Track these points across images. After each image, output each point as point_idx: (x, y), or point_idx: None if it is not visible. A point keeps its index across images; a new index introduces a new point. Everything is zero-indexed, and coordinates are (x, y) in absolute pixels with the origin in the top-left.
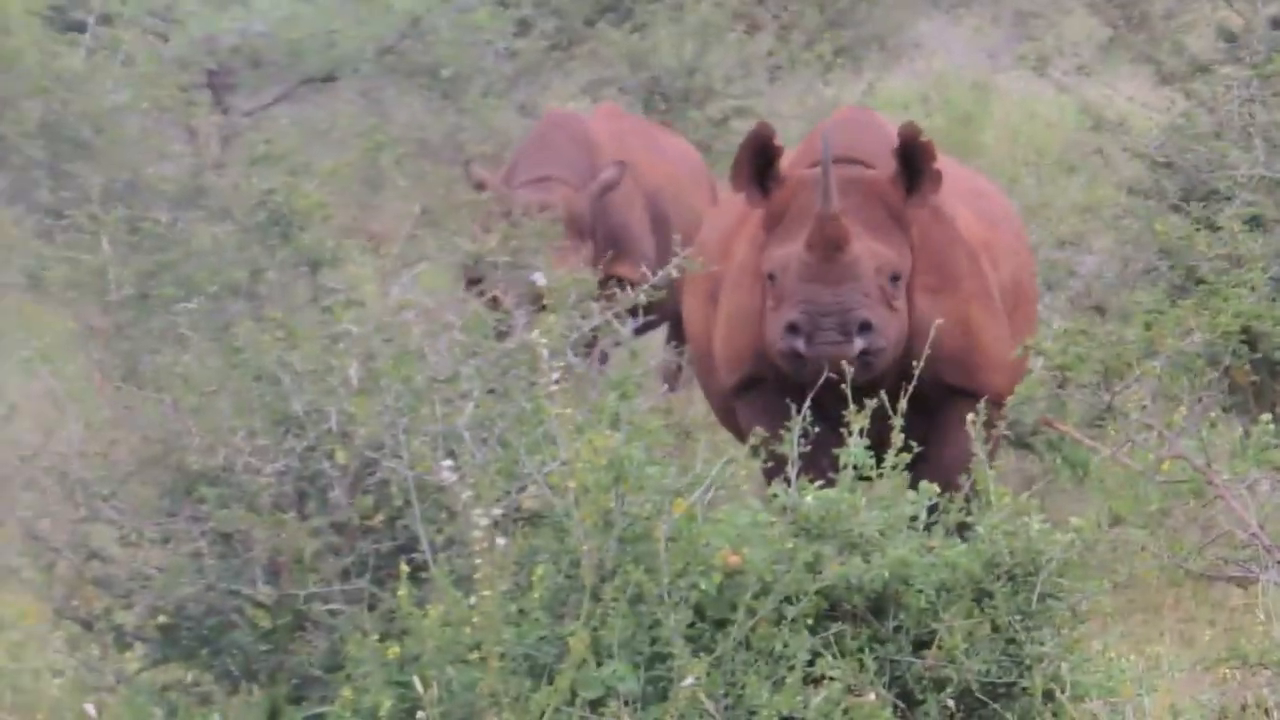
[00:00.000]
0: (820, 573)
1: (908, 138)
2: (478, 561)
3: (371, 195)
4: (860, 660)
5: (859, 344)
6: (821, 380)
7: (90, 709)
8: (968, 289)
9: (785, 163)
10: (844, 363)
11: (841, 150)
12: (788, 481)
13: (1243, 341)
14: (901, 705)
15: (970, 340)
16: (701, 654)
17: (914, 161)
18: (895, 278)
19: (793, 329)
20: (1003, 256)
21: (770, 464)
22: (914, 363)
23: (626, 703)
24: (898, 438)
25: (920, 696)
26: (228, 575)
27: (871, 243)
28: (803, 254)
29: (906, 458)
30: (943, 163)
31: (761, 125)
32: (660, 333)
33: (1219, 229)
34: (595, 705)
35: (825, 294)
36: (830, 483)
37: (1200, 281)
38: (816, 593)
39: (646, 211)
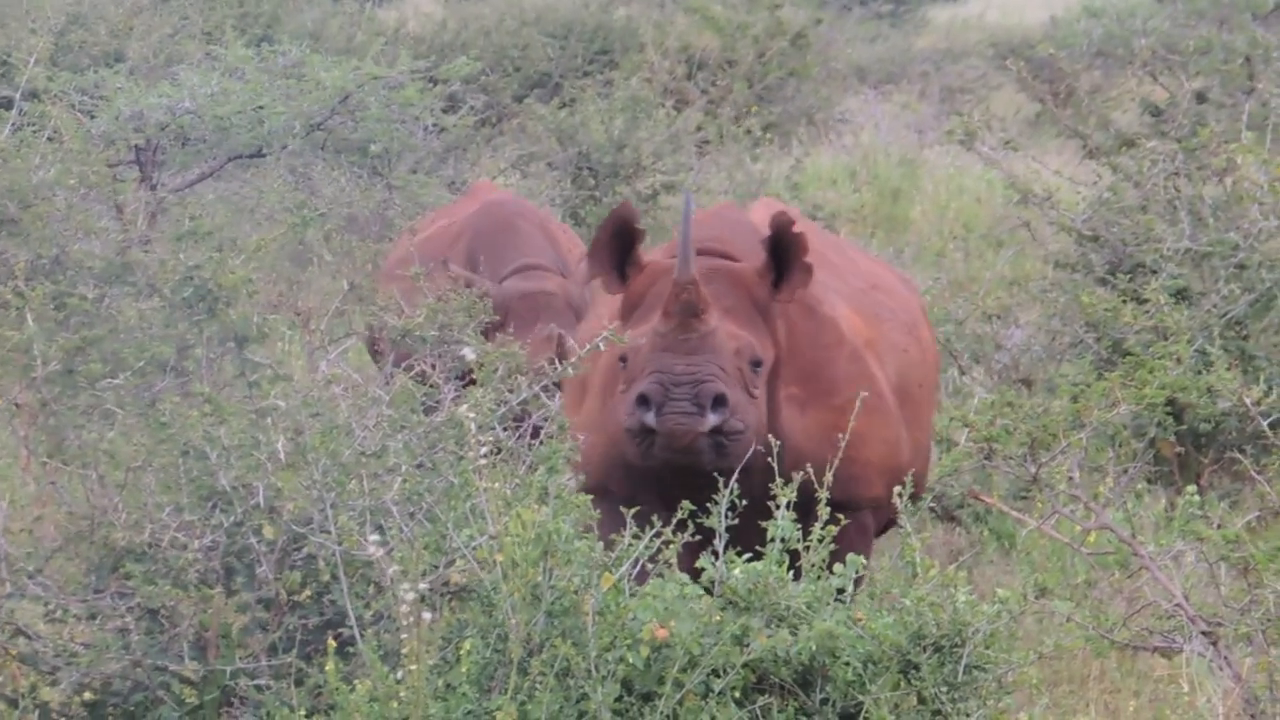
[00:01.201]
0: (748, 645)
1: (779, 228)
2: (404, 636)
3: (299, 271)
4: None
5: (712, 419)
6: (671, 474)
7: None
8: (842, 398)
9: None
10: (695, 445)
11: (708, 242)
12: (715, 555)
13: (1168, 414)
14: None
15: (846, 451)
16: None
17: (784, 253)
18: (756, 363)
19: (642, 401)
20: (886, 354)
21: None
22: (777, 473)
23: None
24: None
25: None
26: (154, 651)
27: (730, 325)
28: (657, 324)
29: (834, 530)
30: (840, 253)
31: (623, 206)
32: None
33: (1145, 301)
34: None
35: (678, 364)
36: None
37: (1127, 354)
38: (744, 665)
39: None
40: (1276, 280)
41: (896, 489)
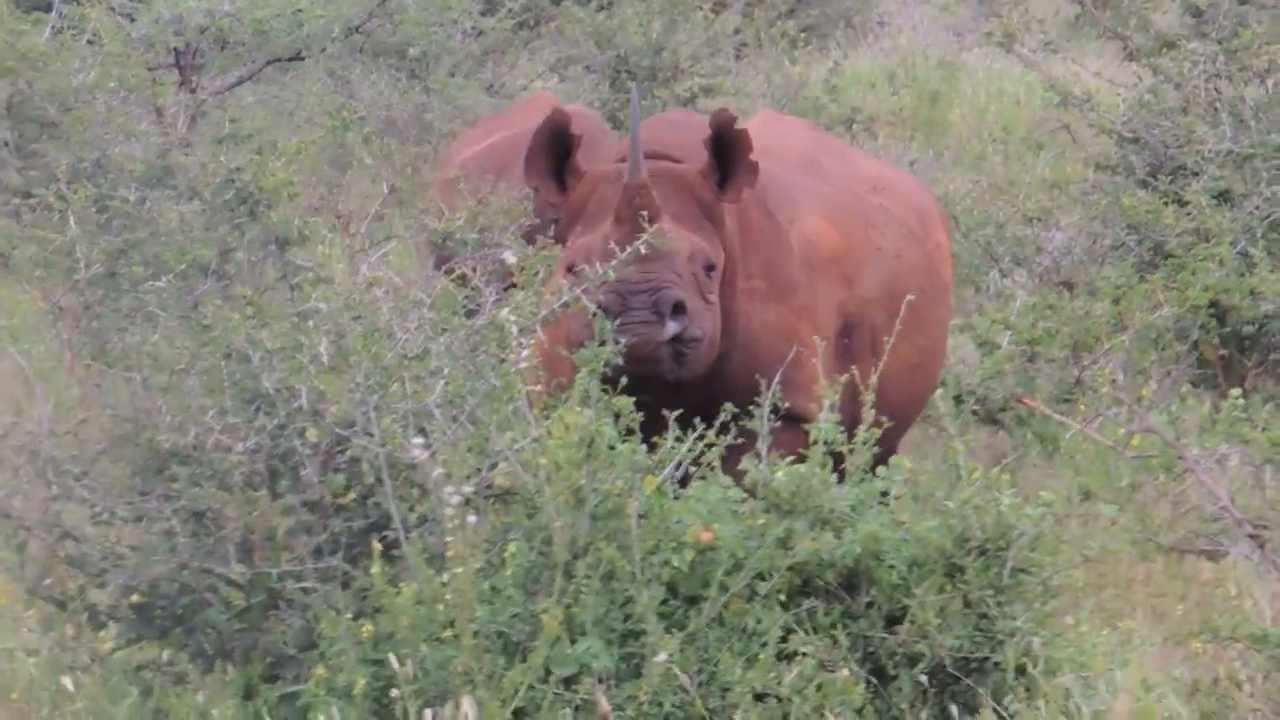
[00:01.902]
0: (792, 549)
1: (720, 126)
2: (450, 539)
3: (338, 174)
4: (833, 636)
5: (672, 327)
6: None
7: (68, 683)
8: (799, 301)
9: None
10: (656, 354)
11: (650, 145)
12: (758, 457)
13: (1211, 315)
14: (874, 681)
15: (788, 351)
16: (674, 631)
17: (728, 152)
18: (709, 268)
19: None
20: (866, 263)
21: None
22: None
23: (600, 679)
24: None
25: (893, 672)
26: (200, 554)
27: (681, 229)
28: (609, 230)
29: (878, 432)
30: (837, 156)
31: (556, 113)
32: None
33: (1186, 204)
34: (569, 682)
35: (633, 272)
36: None
37: (1168, 256)
38: (788, 569)
39: None
40: None
41: (943, 392)
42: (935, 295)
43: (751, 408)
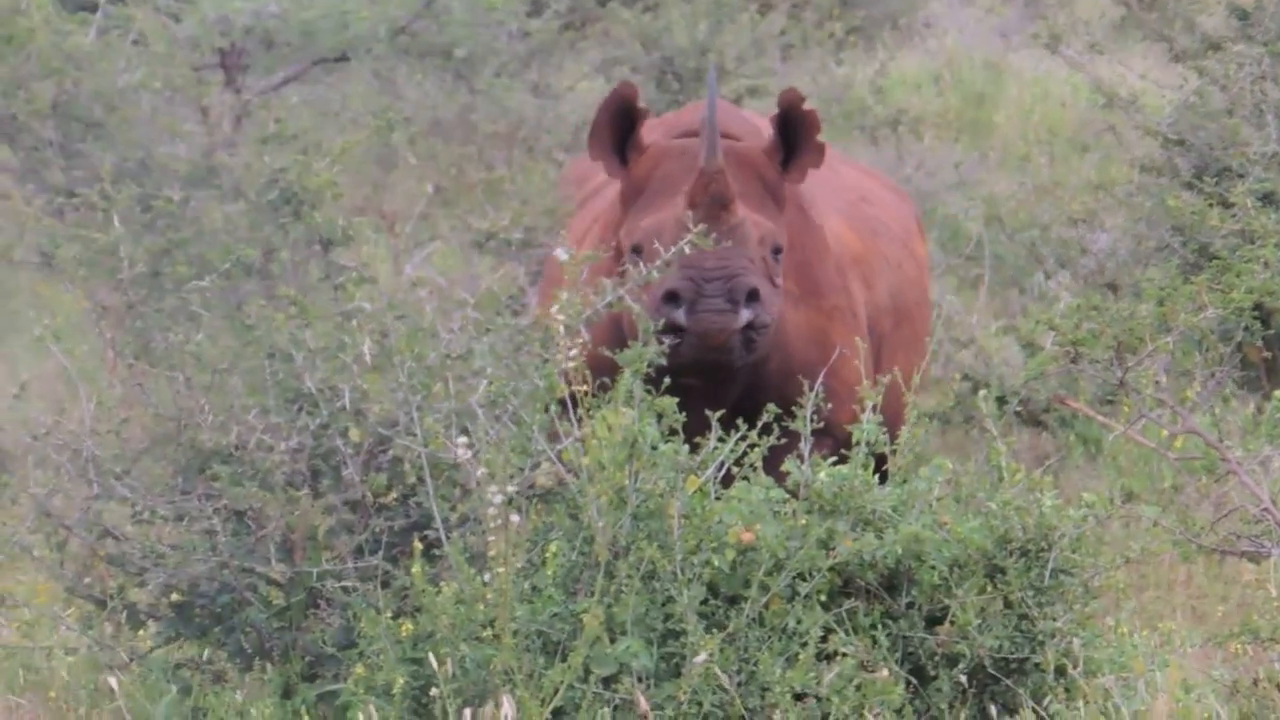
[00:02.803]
0: (833, 549)
1: (789, 104)
2: (491, 539)
3: (383, 174)
4: (873, 636)
5: (745, 315)
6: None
7: (112, 682)
8: (830, 303)
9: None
10: (729, 343)
11: (704, 121)
12: (800, 458)
13: (1256, 318)
14: (914, 681)
15: (825, 359)
16: (714, 631)
17: (795, 131)
18: (777, 251)
19: (671, 298)
20: (879, 271)
21: None
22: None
23: (640, 679)
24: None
25: (933, 672)
26: (241, 553)
27: (751, 211)
28: (681, 213)
29: (920, 434)
30: (834, 165)
31: (624, 85)
32: None
33: (1232, 205)
34: (609, 682)
35: (708, 257)
36: None
37: (1213, 258)
38: (829, 569)
39: None
40: None
41: (984, 394)
42: (924, 309)
43: (794, 409)
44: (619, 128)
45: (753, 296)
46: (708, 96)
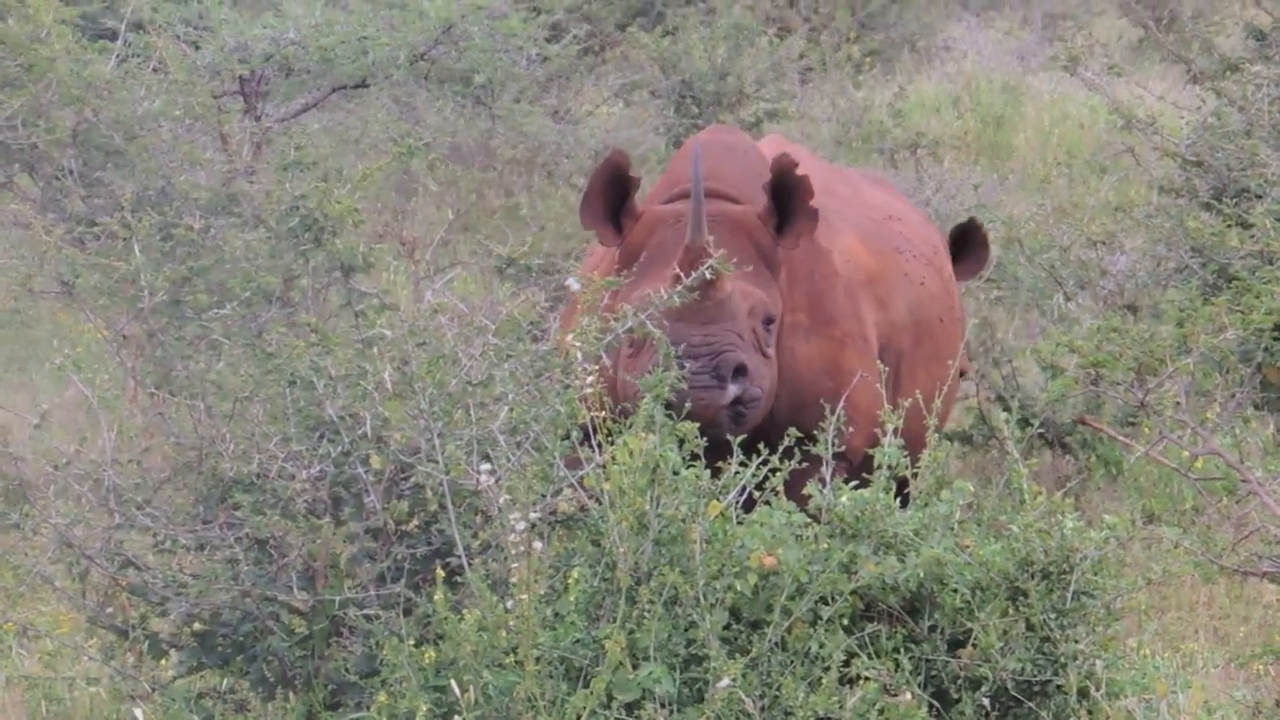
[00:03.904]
0: (855, 573)
1: (781, 171)
2: (514, 565)
3: (404, 201)
4: (896, 660)
5: (732, 391)
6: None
7: (136, 712)
8: (841, 330)
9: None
10: (716, 418)
11: (707, 182)
12: (822, 482)
13: (1275, 338)
14: (937, 704)
15: (838, 387)
16: (737, 655)
17: (787, 197)
18: (769, 321)
19: None
20: (896, 289)
21: None
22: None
23: (663, 705)
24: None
25: (956, 695)
26: (263, 581)
27: (741, 283)
28: (669, 288)
29: (942, 456)
30: (848, 185)
31: (616, 154)
32: None
33: (1251, 226)
34: (631, 708)
35: (695, 334)
36: None
37: (1232, 279)
38: (852, 593)
39: None
40: None
41: (1006, 416)
42: (951, 326)
43: (816, 432)
44: (612, 195)
45: (740, 371)
46: (693, 172)
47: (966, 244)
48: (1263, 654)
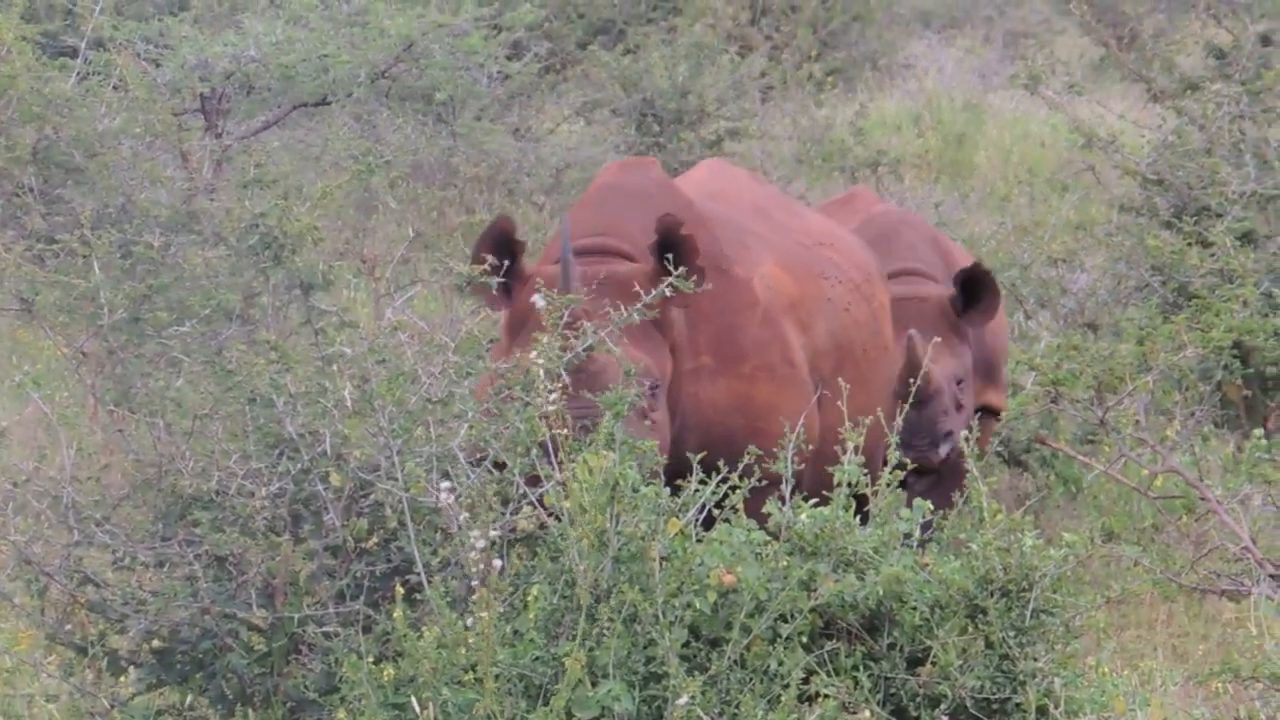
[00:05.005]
0: (815, 590)
1: (665, 231)
2: (474, 583)
3: (364, 218)
4: (855, 678)
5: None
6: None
7: None
8: (751, 365)
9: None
10: None
11: (600, 237)
12: (781, 500)
13: (1235, 356)
14: None
15: (750, 424)
16: (696, 673)
17: (675, 254)
18: (654, 386)
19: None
20: (817, 314)
21: None
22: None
23: None
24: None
25: (915, 713)
26: (222, 599)
27: (626, 348)
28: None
29: (900, 475)
30: (785, 209)
31: (502, 219)
32: None
33: (1211, 245)
34: None
35: (571, 405)
36: None
37: (1192, 297)
38: (811, 610)
39: None
40: None
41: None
42: (878, 354)
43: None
44: (499, 260)
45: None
46: (561, 254)
47: (977, 290)
48: (1221, 672)
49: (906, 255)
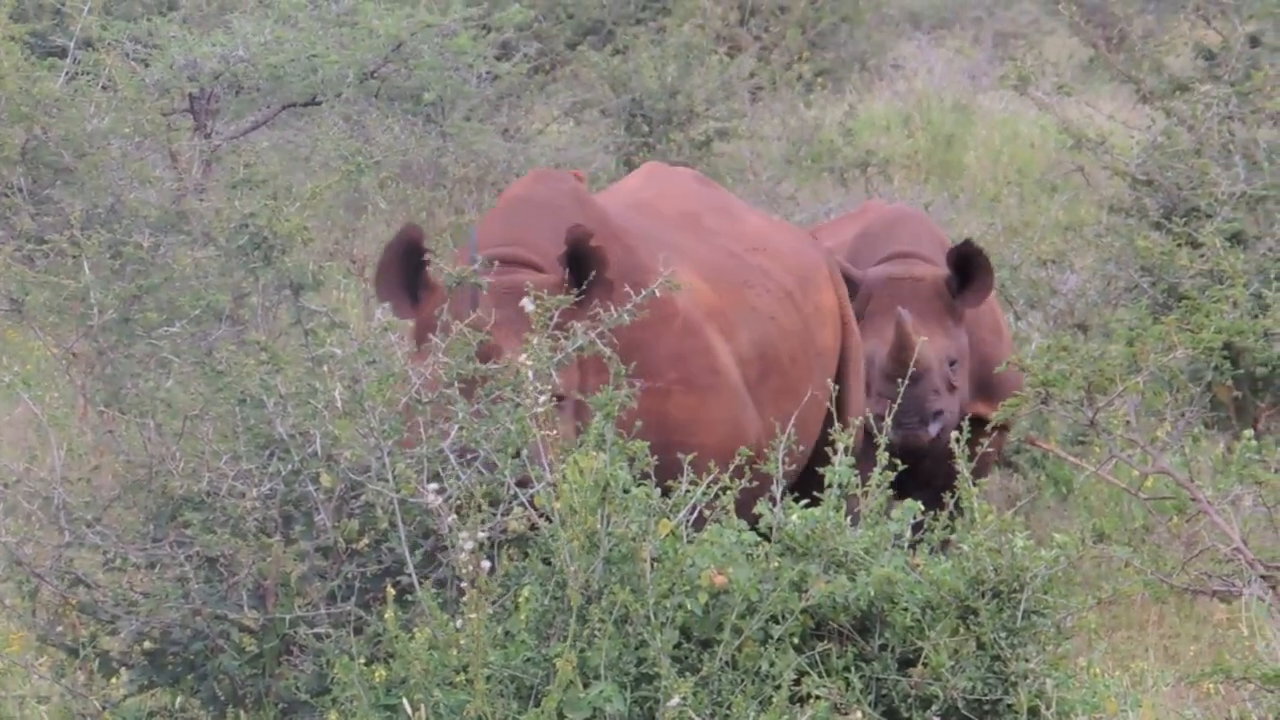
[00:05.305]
0: (806, 592)
1: (574, 242)
2: (464, 584)
3: (354, 219)
4: (846, 679)
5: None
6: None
7: None
8: (666, 380)
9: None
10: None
11: (508, 248)
12: (773, 501)
13: (1225, 358)
14: None
15: (664, 438)
16: (688, 674)
17: (583, 267)
18: (558, 399)
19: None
20: (739, 322)
21: None
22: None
23: None
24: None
25: (906, 714)
26: (213, 600)
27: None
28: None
29: (891, 476)
30: (722, 214)
31: (409, 228)
32: None
33: (1200, 245)
34: None
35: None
36: None
37: (1182, 298)
38: (802, 611)
39: None
40: None
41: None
42: (809, 362)
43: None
44: (406, 268)
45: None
46: (469, 248)
47: (970, 269)
48: (1213, 673)
49: (907, 240)
